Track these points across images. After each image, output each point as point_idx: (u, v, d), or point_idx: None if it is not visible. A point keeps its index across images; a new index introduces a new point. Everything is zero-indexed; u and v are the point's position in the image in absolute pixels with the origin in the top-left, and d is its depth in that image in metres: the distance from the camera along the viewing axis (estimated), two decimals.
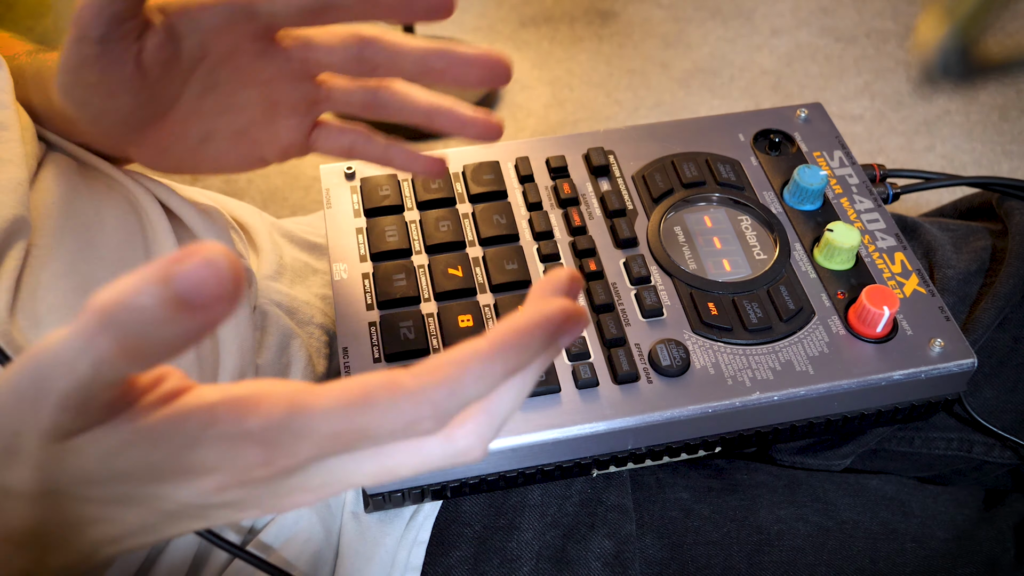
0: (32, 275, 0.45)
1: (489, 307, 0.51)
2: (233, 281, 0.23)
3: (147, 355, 0.25)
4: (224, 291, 0.23)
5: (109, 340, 0.24)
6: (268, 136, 0.50)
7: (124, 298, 0.23)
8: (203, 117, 0.48)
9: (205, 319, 0.23)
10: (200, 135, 0.49)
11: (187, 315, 0.23)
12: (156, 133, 0.48)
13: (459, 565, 0.50)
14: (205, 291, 0.23)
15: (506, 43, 1.72)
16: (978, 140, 1.47)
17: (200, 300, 0.23)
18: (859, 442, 0.57)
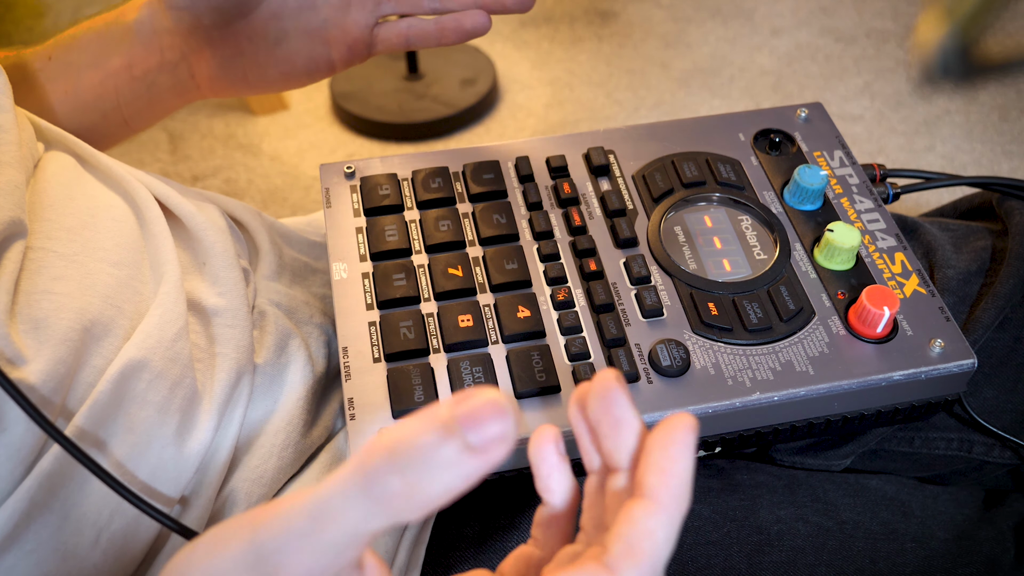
0: (30, 278, 0.45)
1: (489, 307, 0.51)
2: (513, 423, 0.23)
3: (421, 503, 0.23)
4: (506, 433, 0.23)
5: (391, 479, 0.23)
6: (338, 33, 0.56)
7: (410, 437, 0.23)
8: (282, 16, 0.55)
9: (485, 461, 0.23)
10: (277, 35, 0.55)
11: (470, 457, 0.23)
12: (236, 34, 0.55)
13: (459, 565, 0.50)
14: (489, 432, 0.23)
15: (506, 43, 1.72)
16: (978, 140, 1.47)
17: (483, 442, 0.23)
18: (859, 442, 0.57)
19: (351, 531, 0.24)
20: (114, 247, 0.49)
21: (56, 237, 0.47)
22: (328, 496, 0.24)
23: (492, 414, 0.23)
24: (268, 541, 0.24)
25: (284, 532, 0.24)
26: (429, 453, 0.23)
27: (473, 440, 0.23)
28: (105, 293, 0.47)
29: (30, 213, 0.47)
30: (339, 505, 0.23)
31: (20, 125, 0.49)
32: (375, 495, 0.23)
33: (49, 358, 0.42)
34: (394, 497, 0.23)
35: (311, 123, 1.57)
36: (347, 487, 0.23)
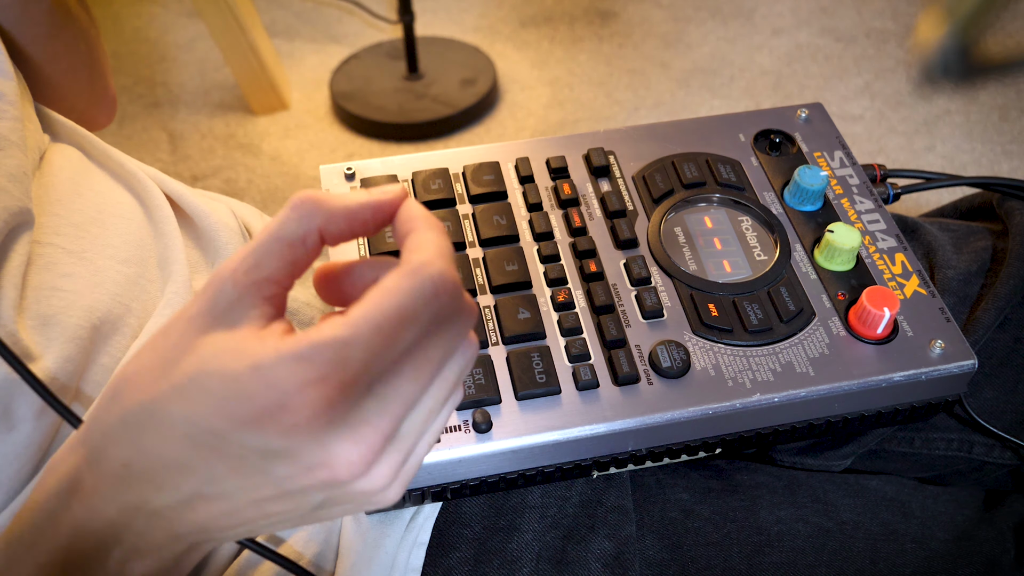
0: (38, 274, 0.45)
1: (489, 308, 0.51)
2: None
3: (336, 237, 0.30)
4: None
5: (318, 217, 0.30)
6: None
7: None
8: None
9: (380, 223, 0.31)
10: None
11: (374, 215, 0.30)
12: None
13: (459, 566, 0.50)
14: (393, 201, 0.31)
15: (506, 43, 1.72)
16: (978, 140, 1.47)
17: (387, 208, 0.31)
18: (859, 443, 0.57)
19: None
20: (122, 244, 0.49)
21: (64, 233, 0.47)
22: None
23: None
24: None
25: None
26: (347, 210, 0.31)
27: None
28: (113, 291, 0.47)
29: (38, 207, 0.47)
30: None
31: (25, 113, 0.49)
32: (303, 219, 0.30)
33: (57, 356, 0.42)
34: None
35: (311, 123, 1.57)
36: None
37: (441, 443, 0.46)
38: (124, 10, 1.81)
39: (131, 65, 1.69)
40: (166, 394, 0.28)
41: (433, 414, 0.31)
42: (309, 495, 0.29)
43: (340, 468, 0.28)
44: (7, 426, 0.40)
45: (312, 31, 1.75)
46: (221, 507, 0.29)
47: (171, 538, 0.31)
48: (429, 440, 0.32)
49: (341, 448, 0.28)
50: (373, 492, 0.30)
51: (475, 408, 0.47)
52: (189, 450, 0.28)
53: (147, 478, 0.29)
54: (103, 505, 0.30)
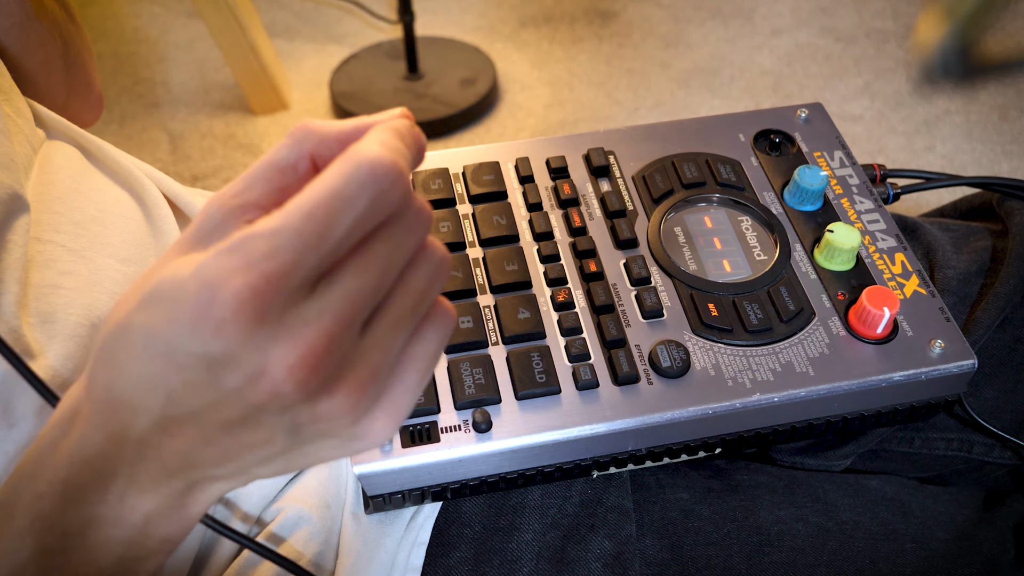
0: (38, 271, 0.45)
1: (489, 308, 0.51)
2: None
3: (328, 162, 0.28)
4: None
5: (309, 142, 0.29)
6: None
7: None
8: None
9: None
10: None
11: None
12: None
13: (459, 566, 0.50)
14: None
15: (506, 43, 1.72)
16: (978, 140, 1.47)
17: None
18: (859, 443, 0.57)
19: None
20: (122, 243, 0.49)
21: (64, 231, 0.47)
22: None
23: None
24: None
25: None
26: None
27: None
28: (113, 289, 0.47)
29: (38, 204, 0.47)
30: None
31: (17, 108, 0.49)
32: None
33: (58, 353, 0.42)
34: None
35: None
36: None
37: (441, 443, 0.46)
38: (124, 10, 1.81)
39: (131, 65, 1.69)
40: (134, 309, 0.27)
41: (400, 326, 0.29)
42: (270, 416, 0.28)
43: (279, 374, 0.26)
44: (7, 423, 0.40)
45: (312, 31, 1.75)
46: (195, 432, 0.29)
47: (163, 470, 0.30)
48: (416, 366, 0.30)
49: (277, 350, 0.26)
50: (342, 415, 0.28)
51: (475, 408, 0.47)
52: (149, 363, 0.27)
53: (124, 399, 0.28)
54: (92, 432, 0.30)
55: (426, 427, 0.46)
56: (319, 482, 0.51)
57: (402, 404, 0.30)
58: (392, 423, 0.30)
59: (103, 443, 0.30)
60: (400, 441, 0.46)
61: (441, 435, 0.46)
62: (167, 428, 0.29)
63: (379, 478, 0.46)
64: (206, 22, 1.45)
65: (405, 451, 0.45)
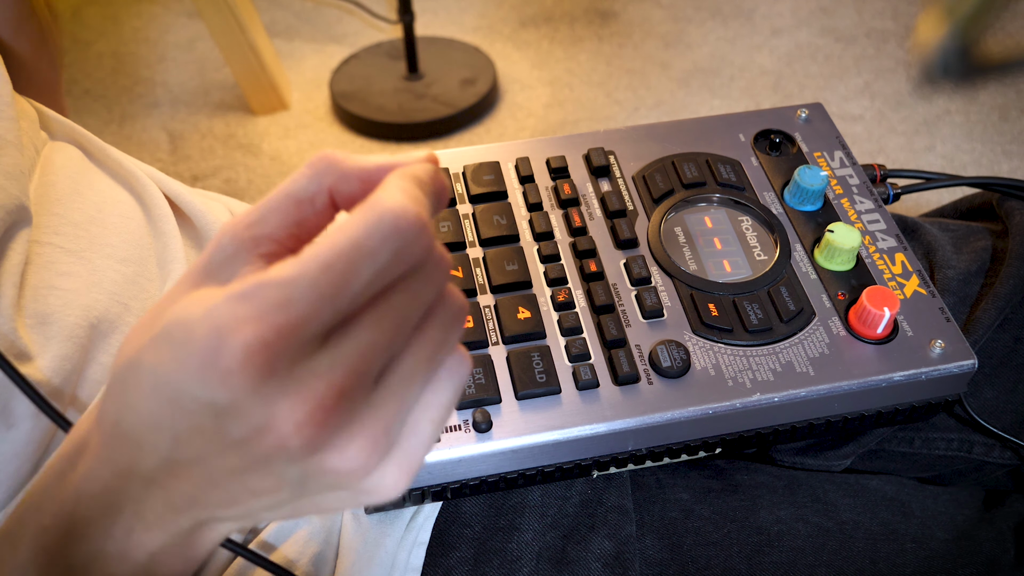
0: (37, 272, 0.45)
1: (489, 308, 0.51)
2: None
3: (347, 200, 0.29)
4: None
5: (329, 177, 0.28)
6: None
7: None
8: None
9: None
10: None
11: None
12: None
13: (459, 566, 0.50)
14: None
15: (506, 43, 1.72)
16: (978, 140, 1.47)
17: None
18: (859, 443, 0.57)
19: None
20: (121, 243, 0.49)
21: (63, 232, 0.47)
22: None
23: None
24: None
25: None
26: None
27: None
28: (111, 290, 0.47)
29: (38, 206, 0.47)
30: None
31: (23, 111, 0.49)
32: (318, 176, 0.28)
33: (55, 354, 0.42)
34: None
35: (311, 123, 1.57)
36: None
37: (441, 443, 0.46)
38: (124, 10, 1.81)
39: (131, 65, 1.69)
40: (145, 347, 0.26)
41: (415, 376, 0.27)
42: (277, 467, 0.27)
43: (285, 428, 0.25)
44: (6, 424, 0.40)
45: (312, 31, 1.75)
46: (201, 476, 0.28)
47: (170, 509, 0.29)
48: (430, 415, 0.29)
49: (285, 404, 0.25)
50: (353, 471, 0.27)
51: (475, 408, 0.47)
52: (157, 405, 0.26)
53: (131, 437, 0.28)
54: (100, 467, 0.29)
55: None
56: None
57: (415, 456, 0.29)
58: (405, 476, 0.28)
59: (110, 478, 0.29)
60: None
61: (441, 435, 0.46)
62: (173, 470, 0.28)
63: None
64: (206, 22, 1.45)
65: None
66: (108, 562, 0.30)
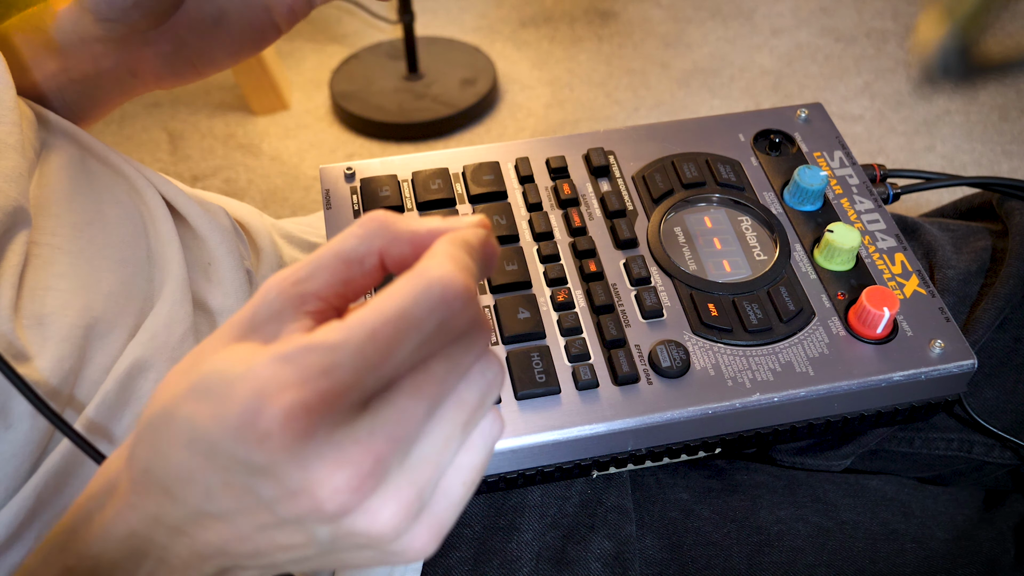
0: (34, 273, 0.45)
1: (489, 308, 0.51)
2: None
3: (397, 262, 0.29)
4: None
5: (380, 240, 0.28)
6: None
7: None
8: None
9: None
10: (214, 15, 0.53)
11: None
12: (173, 26, 0.52)
13: (459, 566, 0.50)
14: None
15: (506, 43, 1.72)
16: (978, 140, 1.47)
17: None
18: (859, 443, 0.57)
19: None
20: (119, 244, 0.49)
21: (61, 233, 0.47)
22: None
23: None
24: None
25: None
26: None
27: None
28: (109, 291, 0.47)
29: (36, 207, 0.47)
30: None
31: (21, 112, 0.49)
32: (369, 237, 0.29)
33: (52, 355, 0.43)
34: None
35: (311, 123, 1.57)
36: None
37: None
38: None
39: None
40: (181, 396, 0.26)
41: (451, 442, 0.28)
42: (308, 527, 0.27)
43: (323, 494, 0.25)
44: (4, 425, 0.40)
45: (312, 31, 1.75)
46: (229, 530, 0.28)
47: (196, 557, 0.29)
48: (462, 478, 0.29)
49: (324, 470, 0.25)
50: (384, 535, 0.27)
51: None
52: (189, 458, 0.26)
53: (161, 486, 0.28)
54: (127, 512, 0.29)
55: None
56: None
57: (446, 519, 0.29)
58: (434, 540, 0.29)
59: (137, 523, 0.29)
60: None
61: None
62: (202, 522, 0.28)
63: None
64: None
65: None
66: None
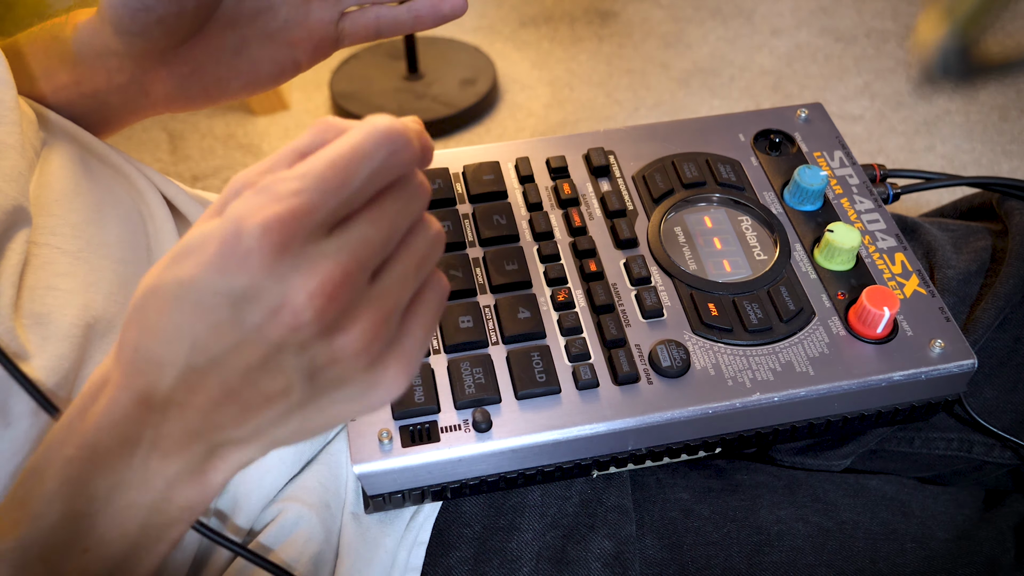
0: (34, 273, 0.45)
1: (489, 308, 0.51)
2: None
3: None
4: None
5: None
6: (302, 33, 0.53)
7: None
8: (240, 23, 0.51)
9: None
10: (236, 44, 0.52)
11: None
12: (192, 49, 0.51)
13: (459, 566, 0.50)
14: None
15: (506, 43, 1.72)
16: (978, 140, 1.47)
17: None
18: (859, 442, 0.57)
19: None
20: (119, 244, 0.49)
21: (61, 233, 0.47)
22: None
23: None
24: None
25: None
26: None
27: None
28: (109, 290, 0.47)
29: (36, 206, 0.47)
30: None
31: (22, 112, 0.49)
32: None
33: (52, 354, 0.43)
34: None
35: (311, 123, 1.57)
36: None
37: (441, 442, 0.46)
38: None
39: None
40: (163, 268, 0.29)
41: (406, 279, 0.31)
42: (289, 357, 0.29)
43: (299, 301, 0.28)
44: (3, 423, 0.40)
45: None
46: (216, 384, 0.30)
47: (187, 435, 0.31)
48: (420, 322, 0.32)
49: (299, 279, 0.28)
50: (357, 355, 0.30)
51: (475, 407, 0.47)
52: (177, 314, 0.29)
53: (150, 356, 0.30)
54: (120, 395, 0.31)
55: (426, 427, 0.46)
56: (319, 482, 0.51)
57: (412, 353, 0.32)
58: (404, 372, 0.32)
59: (129, 405, 0.31)
60: (400, 441, 0.46)
61: (441, 435, 0.46)
62: (190, 381, 0.30)
63: (379, 478, 0.46)
64: None
65: (405, 451, 0.45)
66: (128, 491, 0.32)
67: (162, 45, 0.50)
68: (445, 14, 0.53)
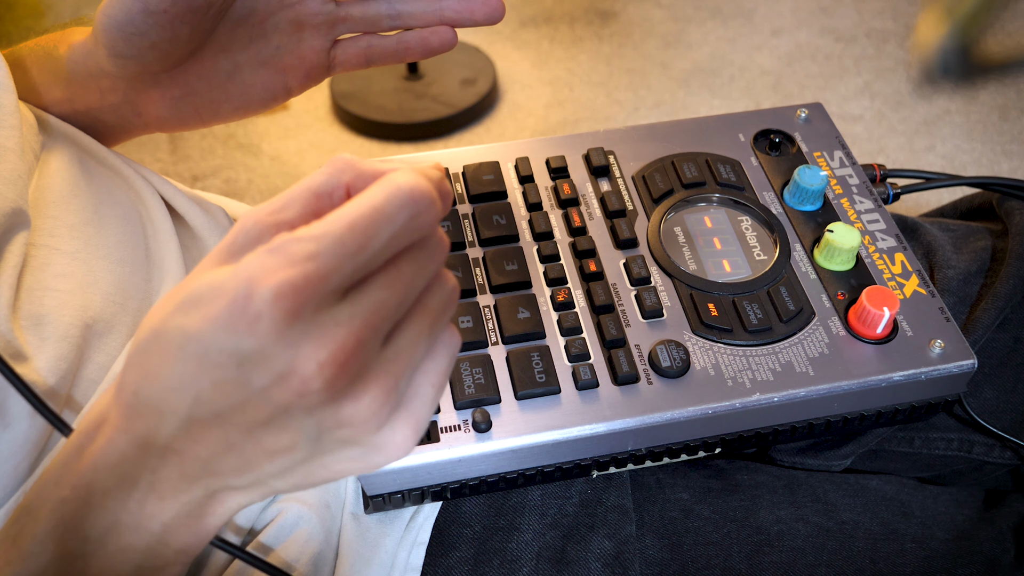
0: (32, 274, 0.45)
1: (489, 308, 0.51)
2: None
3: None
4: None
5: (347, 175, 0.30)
6: (293, 60, 0.53)
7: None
8: (233, 49, 0.51)
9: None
10: (228, 69, 0.52)
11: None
12: (185, 72, 0.51)
13: (459, 566, 0.50)
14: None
15: (506, 43, 1.72)
16: (978, 140, 1.47)
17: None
18: (859, 443, 0.57)
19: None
20: (117, 244, 0.49)
21: (59, 234, 0.47)
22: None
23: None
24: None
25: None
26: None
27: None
28: (107, 290, 0.47)
29: (34, 208, 0.47)
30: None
31: (22, 116, 0.49)
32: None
33: (51, 355, 0.43)
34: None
35: (311, 123, 1.57)
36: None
37: (441, 442, 0.46)
38: None
39: None
40: (169, 314, 0.28)
41: (420, 340, 0.30)
42: (295, 419, 0.28)
43: (308, 370, 0.27)
44: (2, 424, 0.40)
45: None
46: (218, 437, 0.29)
47: (184, 479, 0.31)
48: (431, 380, 0.31)
49: (310, 348, 0.27)
50: (366, 421, 0.29)
51: (475, 407, 0.47)
52: (181, 365, 0.28)
53: (151, 403, 0.29)
54: (118, 437, 0.30)
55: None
56: None
57: (421, 415, 0.31)
58: (412, 433, 0.31)
59: (127, 448, 0.30)
60: None
61: (441, 435, 0.46)
62: (191, 431, 0.29)
63: (379, 478, 0.46)
64: None
65: None
66: (123, 533, 0.32)
67: (155, 69, 0.50)
68: (434, 47, 0.53)
